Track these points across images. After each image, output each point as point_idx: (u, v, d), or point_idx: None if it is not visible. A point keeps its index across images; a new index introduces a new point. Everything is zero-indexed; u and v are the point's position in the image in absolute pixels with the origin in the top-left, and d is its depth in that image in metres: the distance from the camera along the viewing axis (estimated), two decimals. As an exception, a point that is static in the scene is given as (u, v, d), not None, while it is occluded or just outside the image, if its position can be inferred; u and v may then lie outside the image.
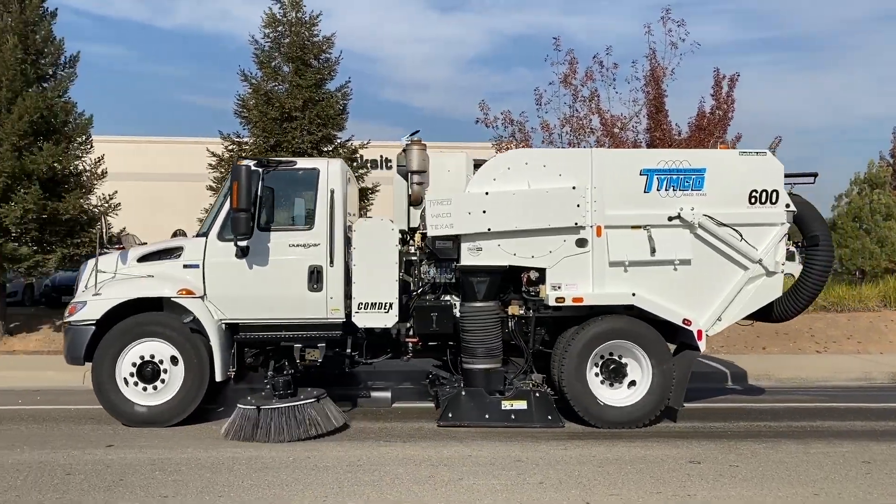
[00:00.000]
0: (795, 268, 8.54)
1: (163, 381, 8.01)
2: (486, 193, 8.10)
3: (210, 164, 17.06)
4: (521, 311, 8.44)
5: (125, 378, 8.00)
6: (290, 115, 16.53)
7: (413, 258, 8.58)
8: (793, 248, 8.51)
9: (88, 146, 15.69)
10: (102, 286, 8.20)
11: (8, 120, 14.26)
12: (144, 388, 8.02)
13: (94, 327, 8.01)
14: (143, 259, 8.41)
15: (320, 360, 8.36)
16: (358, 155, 18.23)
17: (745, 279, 8.21)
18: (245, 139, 17.19)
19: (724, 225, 8.12)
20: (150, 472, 6.33)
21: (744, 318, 8.55)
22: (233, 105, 17.11)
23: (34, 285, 22.21)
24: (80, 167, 15.49)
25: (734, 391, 10.91)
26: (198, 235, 8.53)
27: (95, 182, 15.47)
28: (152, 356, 8.04)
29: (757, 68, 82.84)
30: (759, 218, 8.19)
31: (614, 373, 8.21)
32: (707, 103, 17.60)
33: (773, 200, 8.19)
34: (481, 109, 17.62)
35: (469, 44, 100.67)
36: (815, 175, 8.81)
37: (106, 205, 15.11)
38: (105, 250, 8.58)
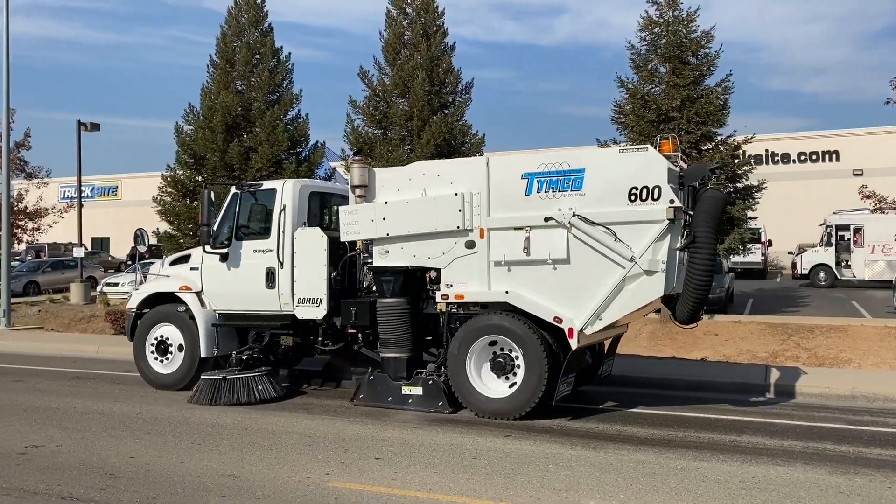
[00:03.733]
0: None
1: (170, 354, 10.44)
2: (386, 203, 9.05)
3: (589, 172, 17.59)
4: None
5: (150, 352, 10.57)
6: (668, 116, 16.26)
7: (370, 261, 9.45)
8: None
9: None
10: (143, 283, 11.17)
11: (419, 144, 16.49)
12: (159, 360, 10.54)
13: (134, 313, 10.80)
14: (172, 263, 10.94)
15: (263, 343, 10.23)
16: (740, 151, 17.17)
17: (623, 278, 7.99)
18: (622, 144, 17.36)
19: (596, 224, 8.05)
20: (545, 464, 6.73)
21: (679, 322, 8.50)
22: (609, 112, 17.42)
23: None
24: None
25: None
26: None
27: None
28: (165, 336, 10.50)
29: None
30: (639, 216, 7.93)
31: (499, 366, 8.56)
32: None
33: (655, 197, 7.87)
34: (894, 88, 15.25)
35: (874, 15, 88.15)
36: (720, 167, 8.28)
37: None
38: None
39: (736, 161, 16.72)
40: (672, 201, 7.81)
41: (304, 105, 40.90)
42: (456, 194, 8.65)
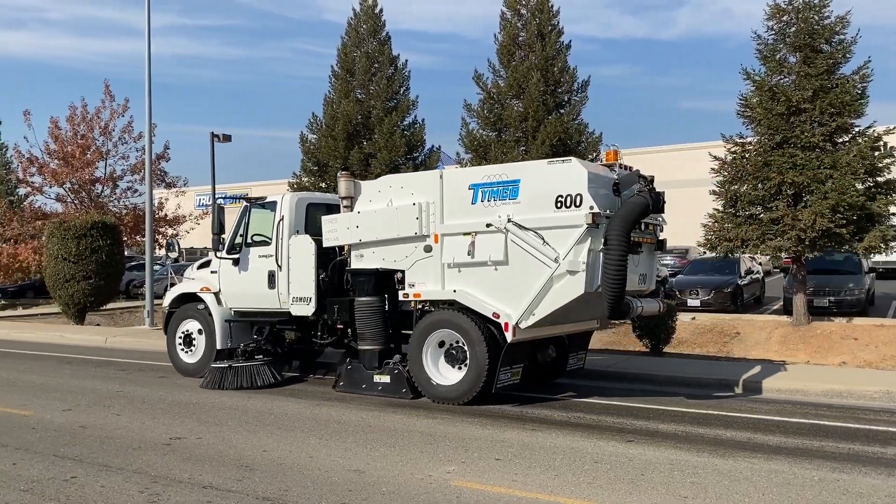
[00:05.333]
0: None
1: (194, 346, 12.03)
2: (359, 212, 10.14)
3: (712, 169, 16.92)
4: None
5: (178, 344, 12.14)
6: (798, 108, 15.42)
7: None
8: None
9: (598, 163, 17.08)
10: (176, 284, 12.71)
11: (533, 145, 16.43)
12: (185, 351, 12.14)
13: (167, 311, 12.46)
14: (199, 267, 12.35)
15: (263, 336, 11.50)
16: (881, 143, 16.02)
17: (550, 277, 8.66)
18: (748, 139, 16.62)
19: (527, 229, 8.81)
20: (669, 471, 6.54)
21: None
22: (735, 105, 16.71)
23: None
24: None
25: None
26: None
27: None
28: (189, 331, 12.07)
29: None
30: (563, 221, 8.62)
31: (452, 357, 9.48)
32: None
33: (577, 204, 8.55)
34: None
35: None
36: (646, 177, 8.96)
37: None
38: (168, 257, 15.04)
39: (876, 154, 15.62)
40: (592, 207, 8.45)
41: (419, 110, 41.73)
42: (414, 204, 9.65)
